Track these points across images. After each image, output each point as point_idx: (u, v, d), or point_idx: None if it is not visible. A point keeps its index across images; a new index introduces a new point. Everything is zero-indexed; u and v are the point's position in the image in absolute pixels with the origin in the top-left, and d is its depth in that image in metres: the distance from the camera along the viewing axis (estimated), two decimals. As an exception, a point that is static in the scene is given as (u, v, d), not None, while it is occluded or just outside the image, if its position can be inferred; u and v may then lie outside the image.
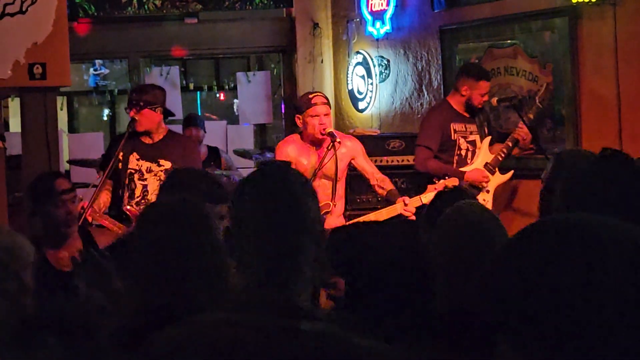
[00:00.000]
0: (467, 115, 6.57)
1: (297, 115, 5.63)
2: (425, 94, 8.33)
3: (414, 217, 5.58)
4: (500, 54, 7.47)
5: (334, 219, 5.71)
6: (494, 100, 6.52)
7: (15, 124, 9.83)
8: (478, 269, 2.31)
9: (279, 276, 1.80)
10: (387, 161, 7.53)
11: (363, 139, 7.38)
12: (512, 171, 6.59)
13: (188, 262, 2.36)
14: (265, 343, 1.71)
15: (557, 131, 7.03)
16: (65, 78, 5.31)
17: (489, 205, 6.44)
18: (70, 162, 8.68)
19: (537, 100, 6.61)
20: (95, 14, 9.33)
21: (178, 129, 7.72)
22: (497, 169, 6.50)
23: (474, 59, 7.62)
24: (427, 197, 5.61)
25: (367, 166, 5.83)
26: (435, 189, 5.64)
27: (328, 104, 5.67)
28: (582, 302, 1.13)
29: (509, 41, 7.42)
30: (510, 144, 6.47)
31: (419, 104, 8.40)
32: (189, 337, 1.80)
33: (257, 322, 1.74)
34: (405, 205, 5.51)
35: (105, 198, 5.77)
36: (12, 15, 5.08)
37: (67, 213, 4.58)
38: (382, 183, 5.74)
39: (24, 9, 5.10)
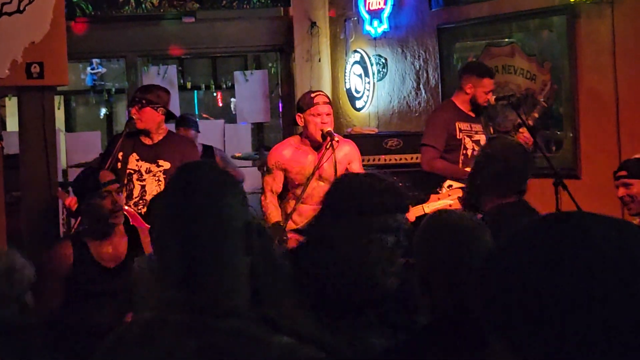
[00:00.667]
0: (472, 114, 6.53)
1: (299, 114, 5.60)
2: (423, 92, 8.33)
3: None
4: (498, 52, 7.47)
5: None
6: (492, 98, 6.50)
7: (12, 123, 9.82)
8: (460, 274, 2.33)
9: (196, 275, 1.82)
10: (385, 160, 7.52)
11: (361, 137, 7.39)
12: None
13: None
14: (177, 340, 1.74)
15: (555, 129, 7.04)
16: (63, 77, 5.29)
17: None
18: (71, 167, 8.67)
19: (541, 99, 6.59)
20: (93, 13, 9.33)
21: (171, 127, 7.71)
22: None
23: (471, 58, 7.62)
24: (429, 206, 5.53)
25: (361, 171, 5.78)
26: (439, 198, 5.59)
27: (330, 103, 5.65)
28: (579, 300, 1.12)
29: (506, 39, 7.42)
30: None
31: (416, 102, 8.40)
32: (120, 337, 1.86)
33: (176, 320, 1.77)
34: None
35: None
36: (9, 14, 5.07)
37: (113, 203, 4.65)
38: None
39: (21, 8, 5.08)
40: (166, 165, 5.87)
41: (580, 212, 1.26)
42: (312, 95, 5.62)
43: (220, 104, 12.04)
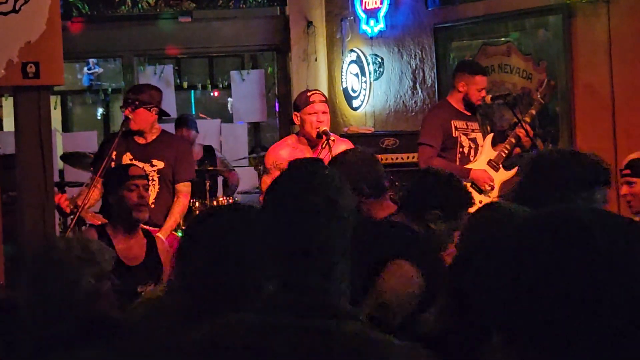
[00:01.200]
0: (467, 113, 6.55)
1: (295, 113, 5.61)
2: (420, 91, 8.33)
3: None
4: (494, 51, 7.47)
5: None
6: (488, 97, 6.50)
7: (9, 123, 9.81)
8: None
9: (306, 277, 1.76)
10: (382, 159, 7.48)
11: (357, 137, 7.39)
12: (517, 167, 6.54)
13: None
14: (292, 344, 1.69)
15: (551, 128, 7.04)
16: (59, 77, 5.27)
17: (495, 203, 6.42)
18: (63, 156, 8.65)
19: (538, 96, 6.58)
20: (89, 12, 9.32)
21: (171, 127, 7.72)
22: (501, 166, 6.47)
23: (467, 57, 7.62)
24: None
25: None
26: None
27: (326, 102, 5.66)
28: (582, 298, 1.12)
29: (502, 39, 7.43)
30: (513, 141, 6.44)
31: (413, 101, 8.40)
32: (221, 337, 1.78)
33: (284, 324, 1.71)
34: None
35: (96, 196, 5.76)
36: (5, 14, 5.06)
37: (140, 197, 4.76)
38: None
39: (17, 8, 5.06)
40: (160, 164, 5.87)
41: (583, 210, 1.25)
42: (309, 94, 5.63)
43: (217, 104, 12.04)
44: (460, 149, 6.50)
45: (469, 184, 6.32)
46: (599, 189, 2.64)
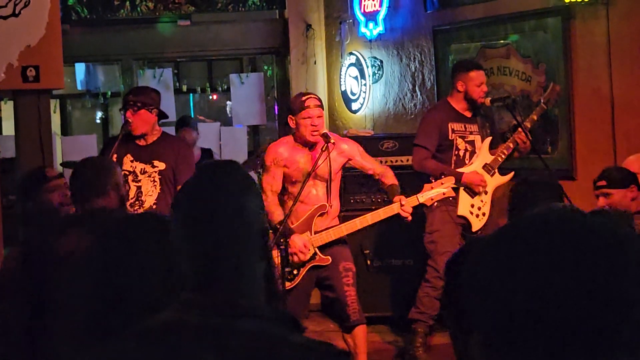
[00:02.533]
0: (468, 115, 6.54)
1: (290, 117, 5.64)
2: (419, 94, 8.34)
3: (410, 217, 5.57)
4: (493, 54, 7.48)
5: (330, 220, 5.71)
6: (487, 100, 6.50)
7: (8, 127, 9.82)
8: None
9: (215, 278, 1.80)
10: (381, 161, 7.51)
11: (356, 139, 7.39)
12: (513, 172, 6.53)
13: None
14: (200, 342, 1.71)
15: (551, 131, 7.05)
16: (59, 80, 5.30)
17: (487, 207, 6.43)
18: (63, 164, 8.67)
19: (542, 101, 6.57)
20: (88, 16, 9.33)
21: (171, 130, 7.72)
22: (496, 170, 6.46)
23: (466, 60, 7.63)
24: (423, 196, 5.61)
25: (367, 163, 5.83)
26: (432, 187, 5.64)
27: (321, 105, 5.67)
28: (577, 298, 1.13)
29: (502, 41, 7.44)
30: (511, 145, 6.42)
31: (412, 104, 8.41)
32: (140, 334, 1.80)
33: (195, 322, 1.74)
34: (402, 205, 5.52)
35: None
36: (5, 18, 5.08)
37: (63, 196, 4.43)
38: (383, 177, 5.76)
39: (17, 12, 5.09)
40: (161, 165, 5.88)
41: (579, 212, 1.26)
42: (303, 98, 5.65)
43: (216, 107, 12.05)
44: (456, 152, 6.50)
45: (462, 188, 6.34)
46: None
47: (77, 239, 2.88)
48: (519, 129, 6.39)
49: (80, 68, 11.50)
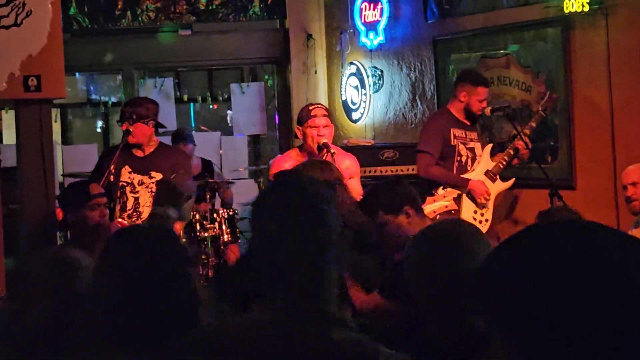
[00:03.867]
0: (467, 122, 6.57)
1: (297, 127, 5.64)
2: (419, 104, 8.36)
3: None
4: (494, 63, 7.50)
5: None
6: (488, 109, 6.53)
7: (8, 136, 9.82)
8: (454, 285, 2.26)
9: (305, 285, 1.80)
10: (381, 171, 7.55)
11: (357, 149, 7.41)
12: (514, 179, 6.57)
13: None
14: (297, 350, 1.72)
15: (550, 140, 7.06)
16: (61, 90, 5.29)
17: (489, 213, 6.44)
18: (65, 175, 8.69)
19: (540, 109, 6.61)
20: (89, 26, 9.35)
21: (167, 140, 7.73)
22: (498, 177, 6.50)
23: (467, 69, 7.65)
24: (426, 208, 5.58)
25: (358, 188, 5.74)
26: (434, 200, 5.62)
27: (328, 116, 5.66)
28: (582, 301, 1.14)
29: (502, 51, 7.45)
30: (511, 152, 6.47)
31: (412, 114, 8.42)
32: (217, 338, 1.80)
33: (289, 328, 1.75)
34: None
35: None
36: (6, 27, 5.08)
37: (101, 216, 4.74)
38: None
39: (18, 22, 5.09)
40: (158, 176, 5.89)
41: (585, 222, 1.29)
42: (310, 108, 5.65)
43: (216, 116, 12.06)
44: (458, 158, 6.51)
45: (464, 194, 6.35)
46: None
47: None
48: (519, 137, 6.43)
49: (81, 77, 11.51)
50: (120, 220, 5.68)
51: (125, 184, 5.86)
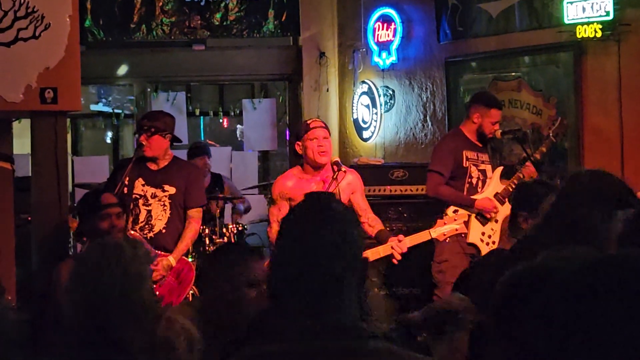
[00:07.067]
0: (479, 144, 6.58)
1: (297, 142, 5.61)
2: (430, 124, 8.39)
3: (399, 257, 5.44)
4: (505, 86, 7.53)
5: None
6: (498, 132, 6.55)
7: (18, 146, 9.85)
8: None
9: (331, 301, 1.85)
10: (391, 190, 7.56)
11: (367, 168, 7.43)
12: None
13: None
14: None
15: (560, 164, 7.08)
16: (77, 103, 5.34)
17: (497, 236, 6.45)
18: (76, 185, 8.72)
19: (550, 134, 6.61)
20: (104, 38, 9.41)
21: (182, 154, 7.76)
22: (507, 200, 6.50)
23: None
24: (436, 231, 5.52)
25: (362, 203, 5.71)
26: (445, 223, 5.60)
27: (326, 128, 5.65)
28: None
29: (513, 74, 7.49)
30: (521, 176, 6.48)
31: (423, 134, 8.46)
32: None
33: (326, 346, 1.79)
34: (399, 242, 5.36)
35: None
36: (25, 40, 5.12)
37: (110, 226, 4.79)
38: (372, 222, 5.60)
39: (37, 34, 5.13)
40: (171, 190, 5.92)
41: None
42: (308, 121, 5.66)
43: (226, 131, 12.10)
44: (469, 179, 6.53)
45: (474, 215, 6.36)
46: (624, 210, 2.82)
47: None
48: (528, 162, 6.44)
49: (94, 89, 11.57)
50: (132, 232, 5.71)
51: (138, 196, 5.89)
